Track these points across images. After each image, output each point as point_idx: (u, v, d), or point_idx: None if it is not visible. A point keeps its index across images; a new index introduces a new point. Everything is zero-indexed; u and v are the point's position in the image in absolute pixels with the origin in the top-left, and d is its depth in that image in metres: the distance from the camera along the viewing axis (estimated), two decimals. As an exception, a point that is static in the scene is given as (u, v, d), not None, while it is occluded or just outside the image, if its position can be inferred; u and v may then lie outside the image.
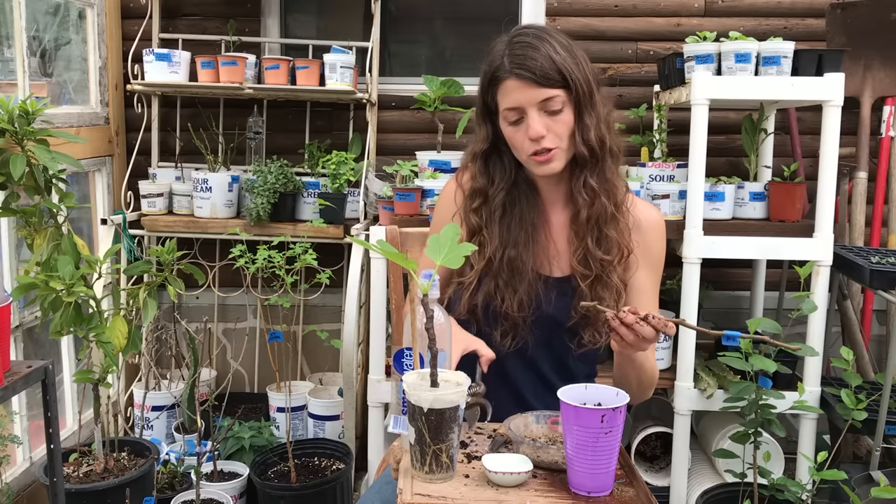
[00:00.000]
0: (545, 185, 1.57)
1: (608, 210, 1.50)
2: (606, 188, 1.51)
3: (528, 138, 1.45)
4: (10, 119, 1.90)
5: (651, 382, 1.54)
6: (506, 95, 1.46)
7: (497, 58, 1.47)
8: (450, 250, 1.21)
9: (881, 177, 2.84)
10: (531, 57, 1.43)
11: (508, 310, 1.50)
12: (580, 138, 1.47)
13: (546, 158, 1.47)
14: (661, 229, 1.59)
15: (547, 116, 1.45)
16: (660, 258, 1.59)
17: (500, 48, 1.48)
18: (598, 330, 1.50)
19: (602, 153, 1.49)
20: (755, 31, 2.88)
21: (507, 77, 1.44)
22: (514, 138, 1.49)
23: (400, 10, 3.15)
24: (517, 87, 1.44)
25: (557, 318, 1.51)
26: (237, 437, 2.66)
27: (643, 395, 1.57)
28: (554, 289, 1.53)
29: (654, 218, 1.58)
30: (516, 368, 1.55)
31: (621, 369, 1.51)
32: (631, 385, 1.51)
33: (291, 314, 3.03)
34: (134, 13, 3.01)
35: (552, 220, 1.57)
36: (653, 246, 1.57)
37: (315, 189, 2.85)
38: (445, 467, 1.17)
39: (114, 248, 2.25)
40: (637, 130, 2.85)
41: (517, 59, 1.43)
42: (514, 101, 1.45)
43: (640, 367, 1.49)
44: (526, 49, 1.44)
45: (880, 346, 3.00)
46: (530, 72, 1.42)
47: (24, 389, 1.76)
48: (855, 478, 2.04)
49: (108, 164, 2.93)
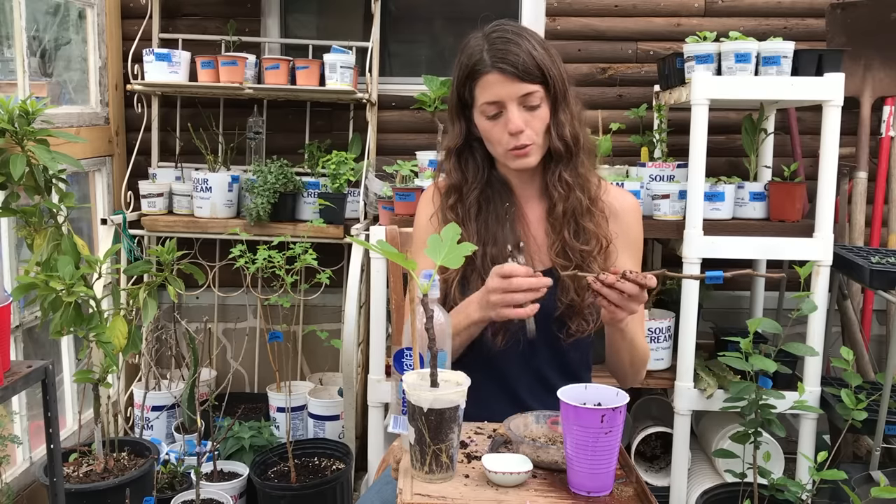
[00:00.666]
0: (518, 181, 1.59)
1: (583, 203, 1.53)
2: (580, 182, 1.54)
3: (508, 132, 1.47)
4: (10, 119, 1.90)
5: (643, 362, 1.58)
6: (486, 89, 1.47)
7: (476, 52, 1.48)
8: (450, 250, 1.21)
9: (881, 177, 2.84)
10: (513, 52, 1.45)
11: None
12: (556, 134, 1.50)
13: (524, 153, 1.49)
14: (637, 213, 1.64)
15: (525, 111, 1.48)
16: (639, 240, 1.64)
17: (477, 43, 1.49)
18: (585, 318, 1.51)
19: (576, 148, 1.53)
20: (755, 31, 2.88)
21: (488, 71, 1.46)
22: (491, 132, 1.50)
23: (400, 10, 3.15)
24: (498, 81, 1.46)
25: (544, 311, 1.51)
26: (237, 437, 2.66)
27: (637, 377, 1.60)
28: None
29: (628, 203, 1.62)
30: (509, 365, 1.55)
31: (614, 347, 1.53)
32: (624, 365, 1.55)
33: (291, 314, 3.04)
34: (134, 13, 3.01)
35: (528, 216, 1.59)
36: (630, 230, 1.61)
37: (315, 189, 2.85)
38: (445, 467, 1.17)
39: (114, 248, 2.25)
40: (637, 130, 2.85)
41: (499, 54, 1.45)
42: (495, 94, 1.46)
43: (632, 344, 1.51)
44: (507, 44, 1.46)
45: (880, 346, 3.00)
46: (512, 66, 1.44)
47: (24, 389, 1.76)
48: (855, 478, 2.04)
49: (108, 164, 2.93)
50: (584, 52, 2.99)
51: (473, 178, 1.57)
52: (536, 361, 1.55)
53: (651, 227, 2.45)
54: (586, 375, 1.62)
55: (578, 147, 1.53)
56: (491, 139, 1.51)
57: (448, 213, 1.57)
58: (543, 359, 1.55)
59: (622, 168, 2.62)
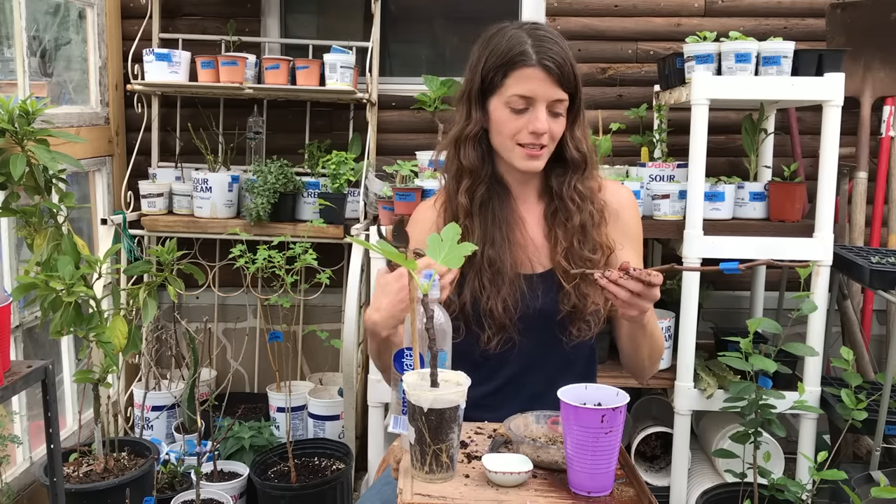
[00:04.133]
0: (516, 183, 1.58)
1: (595, 217, 1.54)
2: (591, 195, 1.55)
3: (530, 131, 1.46)
4: (10, 119, 1.91)
5: (659, 353, 1.57)
6: (523, 82, 1.44)
7: (519, 42, 1.45)
8: (450, 250, 1.21)
9: (881, 177, 2.84)
10: (559, 54, 1.44)
11: (493, 310, 1.49)
12: (573, 145, 1.51)
13: (538, 154, 1.48)
14: (634, 206, 1.64)
15: (549, 117, 1.46)
16: (639, 232, 1.64)
17: (518, 34, 1.46)
18: (587, 321, 1.51)
19: (591, 161, 1.54)
20: (755, 31, 2.88)
21: (532, 65, 1.43)
22: (508, 125, 1.47)
23: (400, 10, 3.15)
24: (539, 78, 1.44)
25: (546, 314, 1.51)
26: (237, 437, 2.66)
27: (653, 369, 1.59)
28: (539, 285, 1.53)
29: (625, 198, 1.62)
30: (513, 368, 1.55)
31: (634, 343, 1.51)
32: (643, 359, 1.54)
33: (291, 314, 3.03)
34: (134, 13, 3.01)
35: (526, 218, 1.57)
36: (630, 224, 1.61)
37: (315, 189, 2.85)
38: (445, 467, 1.17)
39: (114, 248, 2.25)
40: (637, 130, 2.85)
41: (547, 52, 1.43)
42: (531, 90, 1.44)
43: (651, 336, 1.50)
44: (553, 45, 1.45)
45: (880, 346, 3.00)
46: (558, 67, 1.43)
47: (24, 389, 1.76)
48: (855, 478, 2.04)
49: (108, 164, 2.93)
50: (584, 52, 2.99)
51: (482, 169, 1.54)
52: (541, 365, 1.55)
53: (651, 227, 2.45)
54: (592, 378, 1.62)
55: (592, 160, 1.55)
56: (504, 131, 1.48)
57: (463, 196, 1.53)
58: (548, 362, 1.55)
59: (622, 168, 2.62)
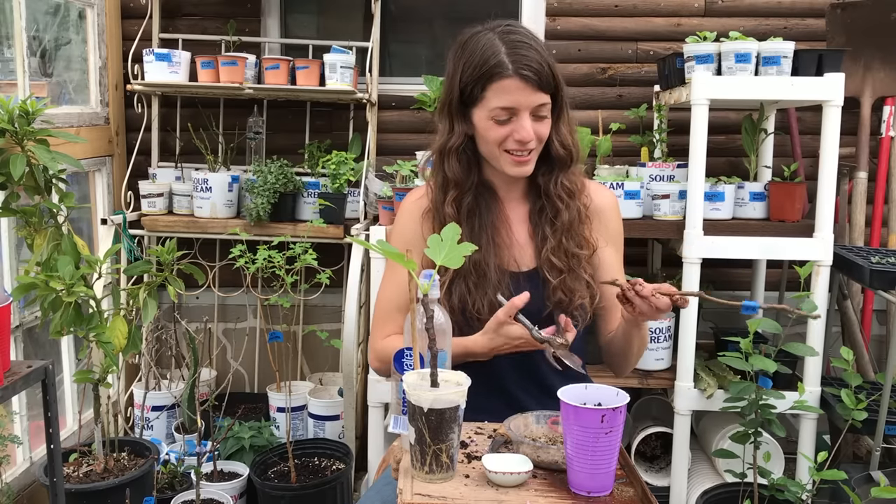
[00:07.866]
0: (503, 184, 1.59)
1: (582, 212, 1.56)
2: (577, 189, 1.57)
3: (516, 140, 1.46)
4: (10, 119, 1.90)
5: (645, 348, 1.63)
6: (502, 94, 1.44)
7: (493, 52, 1.44)
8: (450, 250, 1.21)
9: (881, 177, 2.84)
10: (535, 59, 1.43)
11: (480, 312, 1.50)
12: (558, 142, 1.52)
13: (526, 160, 1.50)
14: (616, 208, 1.67)
15: (534, 121, 1.47)
16: (620, 233, 1.67)
17: (492, 43, 1.45)
18: (573, 316, 1.52)
19: (576, 155, 1.56)
20: (755, 31, 2.88)
21: (509, 76, 1.43)
22: (492, 134, 1.48)
23: (400, 10, 3.15)
24: (518, 88, 1.43)
25: (533, 311, 1.51)
26: (237, 437, 2.66)
27: (636, 363, 1.66)
28: (525, 283, 1.53)
29: (608, 199, 1.65)
30: (503, 368, 1.55)
31: (627, 338, 1.56)
32: (632, 353, 1.59)
33: (291, 314, 3.03)
34: (134, 13, 3.01)
35: (511, 217, 1.59)
36: (611, 224, 1.64)
37: (315, 189, 2.85)
38: (445, 467, 1.17)
39: (114, 248, 2.25)
40: (637, 130, 2.85)
41: (522, 59, 1.43)
42: (513, 101, 1.44)
43: (643, 332, 1.56)
44: (528, 50, 1.44)
45: (880, 346, 3.00)
46: (536, 74, 1.43)
47: (24, 389, 1.76)
48: (855, 478, 2.04)
49: (108, 164, 2.93)
50: (584, 52, 2.99)
51: (467, 179, 1.55)
52: (529, 362, 1.55)
53: (651, 227, 2.45)
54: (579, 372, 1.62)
55: (577, 154, 1.55)
56: (491, 140, 1.49)
57: (449, 207, 1.53)
58: (535, 359, 1.55)
59: (622, 168, 2.62)
